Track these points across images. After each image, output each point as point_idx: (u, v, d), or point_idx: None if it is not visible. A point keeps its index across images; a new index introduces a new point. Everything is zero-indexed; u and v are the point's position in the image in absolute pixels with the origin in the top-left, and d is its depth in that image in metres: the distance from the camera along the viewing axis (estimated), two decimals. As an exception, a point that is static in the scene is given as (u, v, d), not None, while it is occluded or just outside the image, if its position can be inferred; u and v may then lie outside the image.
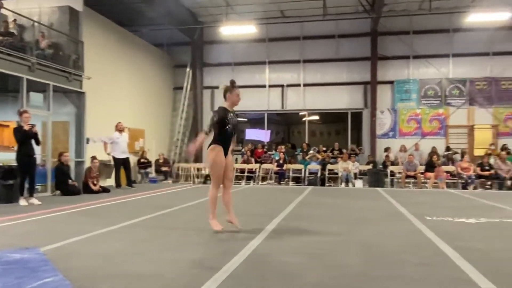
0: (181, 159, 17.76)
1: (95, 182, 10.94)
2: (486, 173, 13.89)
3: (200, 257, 3.97)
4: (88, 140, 11.83)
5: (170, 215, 6.96)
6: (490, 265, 3.76)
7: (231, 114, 5.15)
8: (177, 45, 18.49)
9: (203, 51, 18.41)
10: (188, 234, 5.13)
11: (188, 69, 18.23)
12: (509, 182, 13.47)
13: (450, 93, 16.54)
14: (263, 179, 15.73)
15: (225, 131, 5.01)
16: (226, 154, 5.09)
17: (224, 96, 5.19)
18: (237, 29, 16.22)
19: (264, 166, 15.87)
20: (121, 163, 12.14)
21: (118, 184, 12.17)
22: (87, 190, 10.68)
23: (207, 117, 18.64)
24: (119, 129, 12.21)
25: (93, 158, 11.33)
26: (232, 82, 5.20)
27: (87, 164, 11.38)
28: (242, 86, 17.62)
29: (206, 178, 15.43)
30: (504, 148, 15.08)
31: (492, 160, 14.36)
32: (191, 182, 15.73)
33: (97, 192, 10.71)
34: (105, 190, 10.99)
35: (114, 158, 12.05)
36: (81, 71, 11.72)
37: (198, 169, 16.44)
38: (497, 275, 3.43)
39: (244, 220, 6.27)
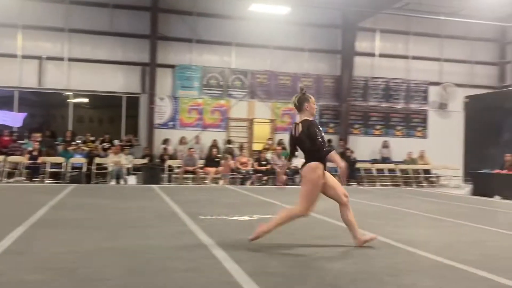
0: None
1: None
2: (263, 168, 15.68)
3: None
4: None
5: None
6: (256, 264, 4.24)
7: None
8: None
9: None
10: None
11: None
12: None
13: (232, 84, 18.00)
14: (10, 175, 14.30)
15: (322, 146, 4.97)
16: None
17: (300, 108, 5.05)
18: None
19: (12, 158, 14.49)
20: None
21: None
22: None
23: None
24: None
25: None
26: (303, 89, 5.13)
27: None
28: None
29: None
30: (280, 143, 17.30)
31: (269, 155, 16.29)
32: None
33: None
34: None
35: None
36: None
37: None
38: (261, 275, 3.88)
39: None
